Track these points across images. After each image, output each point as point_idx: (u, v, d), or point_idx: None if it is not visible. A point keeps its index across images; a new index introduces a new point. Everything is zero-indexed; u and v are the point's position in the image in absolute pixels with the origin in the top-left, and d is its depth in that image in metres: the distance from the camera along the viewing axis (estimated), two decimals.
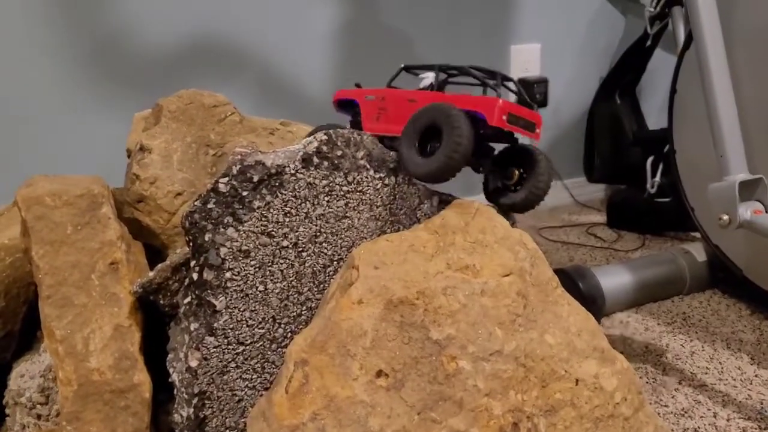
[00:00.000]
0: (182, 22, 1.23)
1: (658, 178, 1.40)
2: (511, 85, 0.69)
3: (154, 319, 0.66)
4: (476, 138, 0.61)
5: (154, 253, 0.70)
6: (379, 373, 0.53)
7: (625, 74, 1.55)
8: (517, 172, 0.66)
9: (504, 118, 0.60)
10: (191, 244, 0.59)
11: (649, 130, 1.56)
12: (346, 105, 0.74)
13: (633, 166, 1.47)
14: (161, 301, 0.64)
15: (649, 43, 1.49)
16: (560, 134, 1.62)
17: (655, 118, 1.64)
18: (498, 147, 0.69)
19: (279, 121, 0.80)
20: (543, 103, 1.53)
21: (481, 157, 0.67)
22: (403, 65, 0.71)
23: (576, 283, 1.07)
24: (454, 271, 0.58)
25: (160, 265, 0.64)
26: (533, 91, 1.51)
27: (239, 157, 0.67)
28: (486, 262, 0.58)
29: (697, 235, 1.39)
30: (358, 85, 0.74)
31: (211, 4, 1.24)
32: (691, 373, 0.93)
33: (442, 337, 0.54)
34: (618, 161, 1.55)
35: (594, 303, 1.08)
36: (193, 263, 0.59)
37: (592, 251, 1.37)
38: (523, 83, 1.52)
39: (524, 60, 1.53)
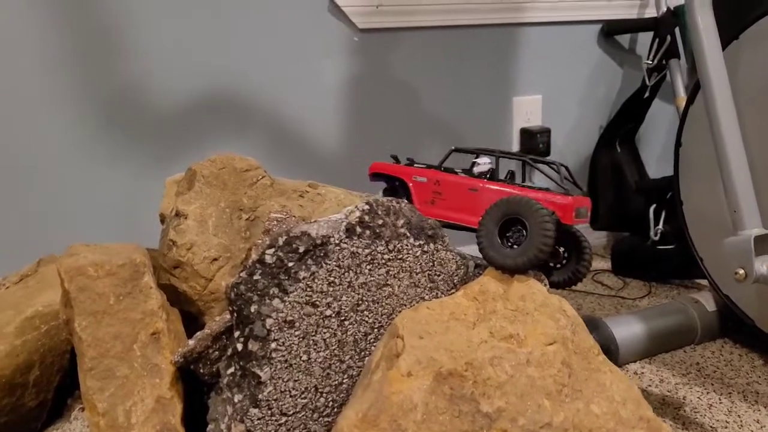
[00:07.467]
0: (192, 78, 1.25)
1: (660, 226, 1.42)
2: (564, 170, 0.71)
3: (192, 387, 0.66)
4: None
5: (190, 320, 0.70)
6: None
7: (624, 124, 1.59)
8: (561, 252, 0.69)
9: (573, 215, 0.64)
10: (236, 315, 0.59)
11: (651, 178, 1.59)
12: (382, 176, 0.76)
13: (636, 214, 1.50)
14: (201, 370, 0.64)
15: (647, 94, 1.53)
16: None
17: (653, 167, 1.67)
18: None
19: (307, 183, 0.81)
20: (546, 152, 1.56)
21: None
22: (453, 147, 0.73)
23: (589, 333, 1.08)
24: (498, 340, 0.59)
25: (199, 333, 0.64)
26: (536, 141, 1.54)
27: (275, 222, 0.68)
28: (529, 330, 0.59)
29: (702, 282, 1.41)
30: (395, 158, 0.75)
31: (220, 59, 1.26)
32: (711, 426, 0.93)
33: (492, 410, 0.54)
34: (621, 209, 1.57)
35: (608, 353, 1.09)
36: (237, 334, 0.60)
37: (600, 299, 1.38)
38: (526, 133, 1.55)
39: (526, 111, 1.56)
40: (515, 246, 0.64)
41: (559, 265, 0.71)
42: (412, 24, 1.41)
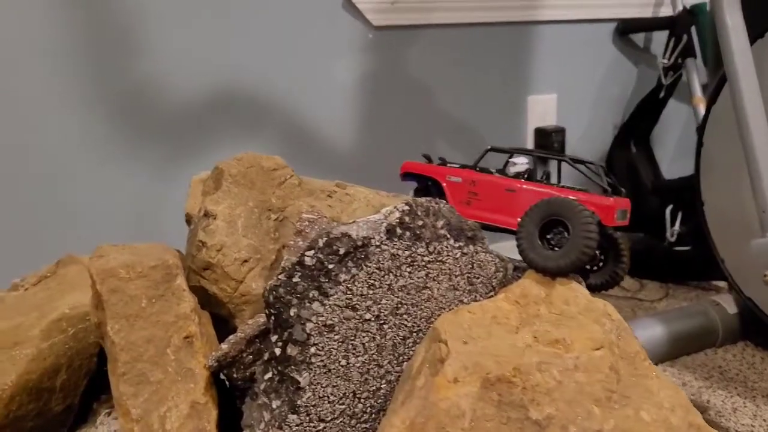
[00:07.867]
0: (205, 77, 1.23)
1: (677, 227, 1.41)
2: (602, 172, 0.70)
3: (224, 392, 0.64)
4: None
5: (220, 323, 0.69)
6: None
7: (639, 124, 1.57)
8: (598, 254, 0.67)
9: (615, 216, 0.62)
10: (273, 318, 0.58)
11: (666, 179, 1.58)
12: (414, 176, 0.74)
13: (651, 215, 1.49)
14: (234, 375, 0.62)
15: (662, 93, 1.51)
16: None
17: (666, 167, 1.66)
18: None
19: (334, 182, 0.79)
20: (560, 152, 1.54)
21: None
22: (489, 147, 0.71)
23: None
24: (544, 345, 0.57)
25: (232, 337, 0.62)
26: (551, 140, 1.52)
27: (307, 223, 0.66)
28: (575, 335, 0.58)
29: (720, 284, 1.40)
30: (426, 157, 0.74)
31: (233, 58, 1.24)
32: (736, 431, 0.92)
33: (542, 417, 0.53)
34: (636, 209, 1.56)
35: None
36: (275, 338, 0.58)
37: (617, 301, 1.37)
38: (541, 132, 1.54)
39: (541, 110, 1.55)
40: (556, 248, 0.62)
41: (595, 268, 0.69)
42: (426, 21, 1.39)
